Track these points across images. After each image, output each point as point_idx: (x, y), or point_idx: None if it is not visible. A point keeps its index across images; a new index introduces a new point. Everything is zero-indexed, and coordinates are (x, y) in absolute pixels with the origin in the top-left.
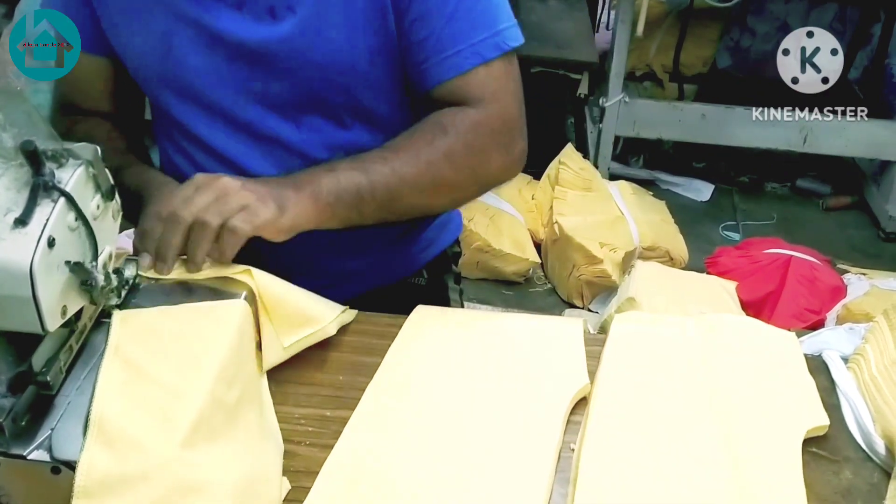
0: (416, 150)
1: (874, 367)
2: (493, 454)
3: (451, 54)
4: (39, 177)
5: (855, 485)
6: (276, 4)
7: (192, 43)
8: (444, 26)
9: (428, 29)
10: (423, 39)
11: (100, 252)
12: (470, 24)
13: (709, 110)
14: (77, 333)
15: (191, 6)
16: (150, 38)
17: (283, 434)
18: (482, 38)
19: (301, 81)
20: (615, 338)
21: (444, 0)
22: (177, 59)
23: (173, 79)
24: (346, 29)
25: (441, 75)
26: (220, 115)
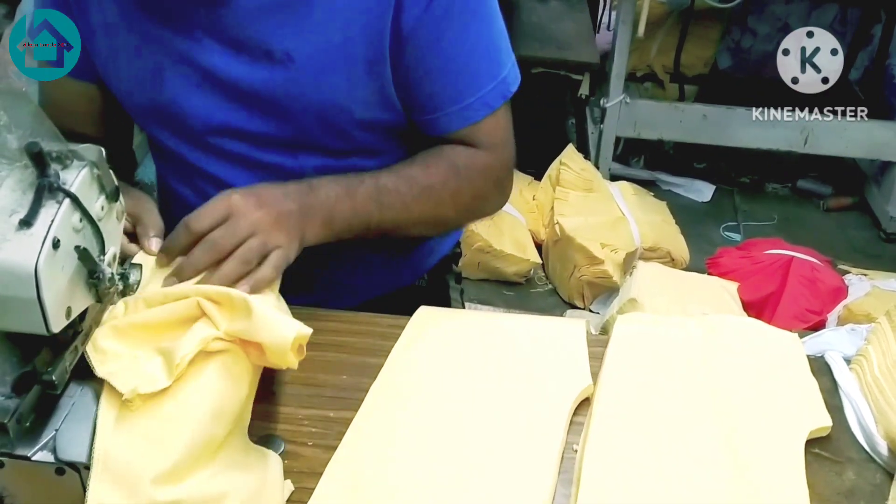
0: (429, 189)
1: (877, 368)
2: (496, 455)
3: (462, 107)
4: (44, 178)
5: (857, 486)
6: (273, 49)
7: (184, 80)
8: (455, 81)
9: (438, 84)
10: (432, 93)
11: (106, 251)
12: (479, 75)
13: (709, 111)
14: (82, 335)
15: (184, 43)
16: (140, 73)
17: (287, 435)
18: (489, 90)
19: (297, 123)
20: (618, 339)
21: (453, 55)
22: (168, 95)
23: (165, 114)
24: (345, 76)
25: (451, 126)
26: (213, 148)
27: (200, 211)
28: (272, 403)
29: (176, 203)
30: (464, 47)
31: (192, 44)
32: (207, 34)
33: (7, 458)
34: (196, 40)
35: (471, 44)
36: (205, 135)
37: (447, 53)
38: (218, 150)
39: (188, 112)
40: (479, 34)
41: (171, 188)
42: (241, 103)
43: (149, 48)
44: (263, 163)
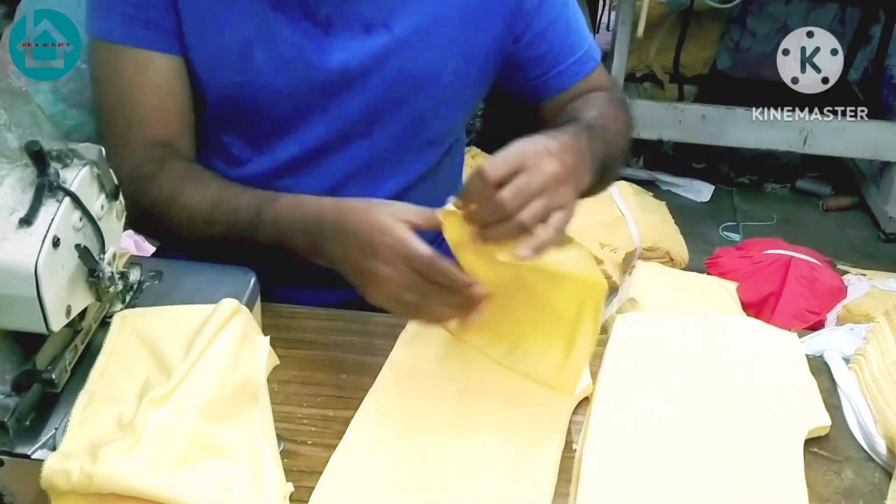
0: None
1: (875, 368)
2: (495, 454)
3: (573, 62)
4: (44, 177)
5: (856, 485)
6: (373, 21)
7: (270, 60)
8: (562, 41)
9: (546, 44)
10: (542, 54)
11: (105, 250)
12: (578, 35)
13: (709, 111)
14: (82, 334)
15: (274, 19)
16: (225, 50)
17: (286, 434)
18: (590, 45)
19: (380, 98)
20: (617, 338)
21: (555, 19)
22: (253, 75)
23: (247, 95)
24: (437, 49)
25: (566, 82)
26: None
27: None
28: (271, 402)
29: None
30: (565, 7)
31: (283, 17)
32: (301, 10)
33: (7, 456)
34: (287, 14)
35: (569, 4)
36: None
37: (554, 13)
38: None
39: (268, 91)
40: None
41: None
42: (326, 84)
43: (236, 21)
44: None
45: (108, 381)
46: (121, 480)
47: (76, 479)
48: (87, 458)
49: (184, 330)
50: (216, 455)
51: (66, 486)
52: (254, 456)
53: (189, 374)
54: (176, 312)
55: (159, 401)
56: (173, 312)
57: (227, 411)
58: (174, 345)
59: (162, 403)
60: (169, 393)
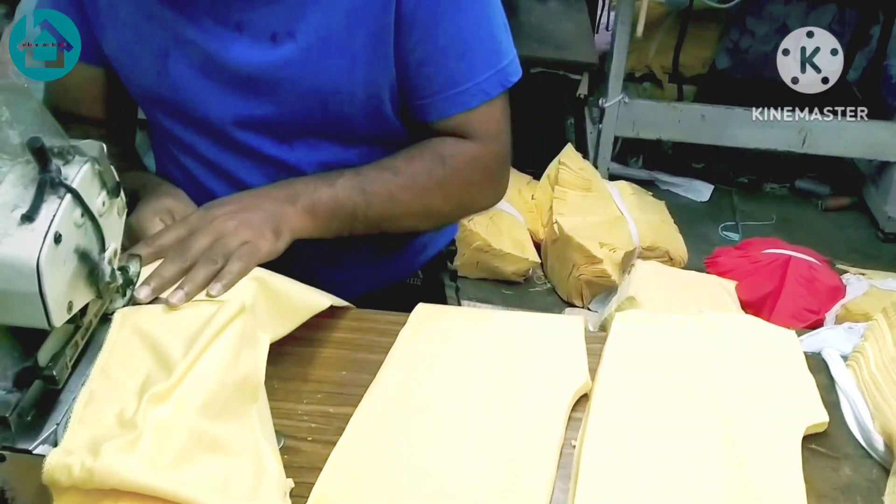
0: (413, 178)
1: (873, 365)
2: (495, 451)
3: (458, 92)
4: (46, 173)
5: (854, 481)
6: (278, 31)
7: (187, 64)
8: (453, 65)
9: (436, 66)
10: (430, 76)
11: (106, 247)
12: (478, 61)
13: (708, 111)
14: (83, 330)
15: (188, 27)
16: (145, 57)
17: (287, 431)
18: (487, 77)
19: (297, 107)
20: (616, 335)
21: (455, 39)
22: (171, 79)
23: (167, 98)
24: (346, 59)
25: (445, 111)
26: (214, 134)
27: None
28: (272, 399)
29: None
30: (462, 33)
31: (195, 27)
32: (211, 17)
33: (8, 451)
34: (199, 23)
35: (469, 30)
36: (205, 120)
37: (445, 37)
38: (217, 135)
39: (189, 96)
40: (479, 21)
41: (170, 174)
42: (241, 86)
43: (154, 32)
44: (262, 153)
45: (108, 377)
46: (122, 476)
47: (77, 474)
48: (88, 455)
49: (186, 327)
50: (216, 452)
51: (68, 481)
52: (254, 452)
53: (190, 371)
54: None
55: (160, 398)
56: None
57: (228, 408)
58: (175, 342)
59: (163, 400)
60: (170, 390)
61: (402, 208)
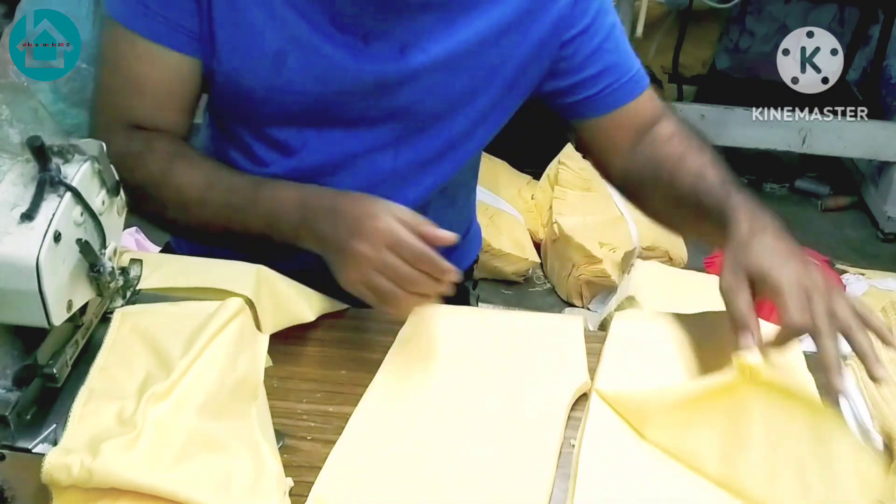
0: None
1: None
2: (494, 450)
3: (626, 81)
4: (46, 172)
5: None
6: (408, 42)
7: (304, 68)
8: (616, 56)
9: (602, 62)
10: (598, 73)
11: (106, 246)
12: (627, 54)
13: (708, 111)
14: (83, 329)
15: (310, 31)
16: (258, 57)
17: (286, 430)
18: (639, 66)
19: (412, 117)
20: (615, 334)
21: (607, 38)
22: (285, 82)
23: (278, 100)
24: (472, 73)
25: (618, 100)
26: (317, 137)
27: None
28: (271, 398)
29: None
30: (615, 26)
31: (316, 32)
32: (336, 25)
33: (8, 450)
34: (321, 29)
35: (617, 23)
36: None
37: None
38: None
39: (302, 100)
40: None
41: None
42: (359, 95)
43: (271, 32)
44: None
45: (108, 376)
46: (121, 475)
47: (77, 473)
48: (88, 454)
49: (185, 326)
50: (216, 451)
51: (67, 480)
52: (253, 451)
53: (189, 370)
54: (177, 309)
55: (159, 397)
56: (175, 309)
57: (227, 407)
58: (175, 341)
59: (162, 399)
60: (169, 389)
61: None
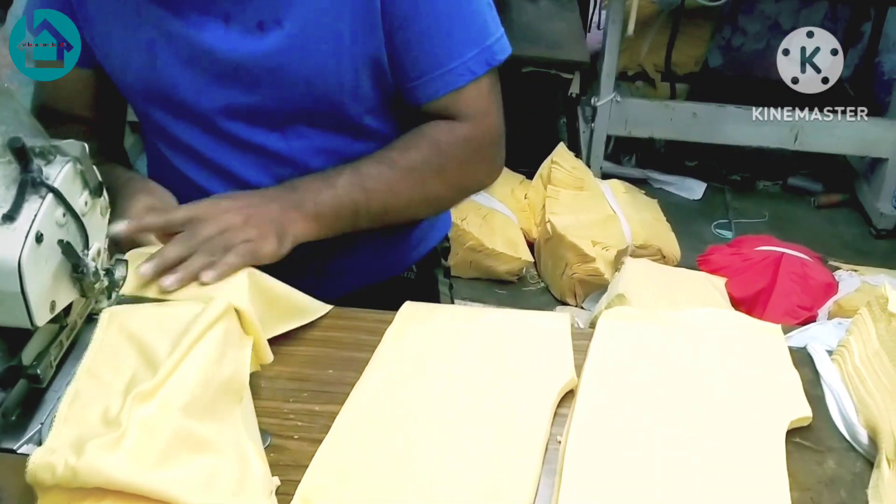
0: (410, 168)
1: (857, 359)
2: (481, 447)
3: (444, 72)
4: (27, 173)
5: (838, 474)
6: (265, 18)
7: (175, 57)
8: (438, 45)
9: (421, 47)
10: (416, 57)
11: (90, 246)
12: (462, 40)
13: (700, 109)
14: (67, 329)
15: (175, 20)
16: (133, 51)
17: (273, 429)
18: (473, 55)
19: (286, 95)
20: (602, 332)
21: (438, 19)
22: (160, 72)
23: (157, 92)
24: (333, 43)
25: (433, 92)
26: (205, 126)
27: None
28: (258, 398)
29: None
30: (445, 12)
31: (181, 20)
32: (197, 9)
33: None
34: (185, 15)
35: (453, 9)
36: (196, 112)
37: (429, 18)
38: (209, 127)
39: (179, 89)
40: (461, 1)
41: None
42: (230, 76)
43: (141, 26)
44: (255, 144)
45: (94, 376)
46: (105, 474)
47: (61, 473)
48: (72, 454)
49: (171, 327)
50: (201, 451)
51: (51, 480)
52: (238, 452)
53: (175, 370)
54: (164, 309)
55: (144, 396)
56: (162, 309)
57: (212, 407)
58: (162, 341)
59: (147, 399)
60: (154, 389)
61: (404, 200)
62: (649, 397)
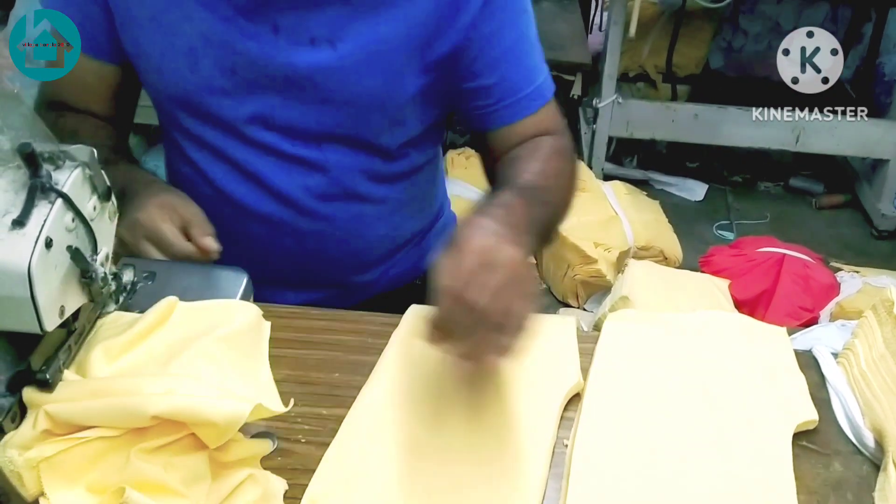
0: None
1: (863, 362)
2: (487, 450)
3: (521, 97)
4: (37, 178)
5: (845, 477)
6: (316, 36)
7: (218, 65)
8: (514, 71)
9: (498, 74)
10: (492, 84)
11: (98, 251)
12: (534, 66)
13: (702, 110)
14: (76, 334)
15: (222, 26)
16: (173, 55)
17: (280, 432)
18: (542, 81)
19: (328, 113)
20: (607, 335)
21: (513, 46)
22: (199, 78)
23: (193, 96)
24: (385, 71)
25: (512, 116)
26: (238, 133)
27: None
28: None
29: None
30: (520, 40)
31: (228, 26)
32: (245, 17)
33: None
34: (233, 22)
35: (525, 37)
36: (232, 122)
37: (507, 44)
38: (242, 136)
39: (217, 97)
40: (527, 32)
41: (181, 173)
42: (273, 88)
43: (184, 30)
44: (288, 153)
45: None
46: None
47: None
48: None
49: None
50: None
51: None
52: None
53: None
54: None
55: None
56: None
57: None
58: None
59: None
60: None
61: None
62: (655, 400)
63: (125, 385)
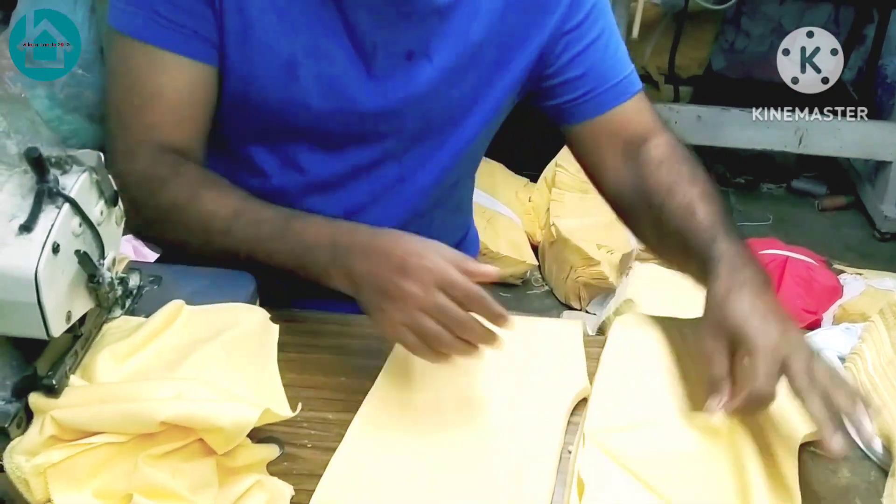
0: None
1: (871, 367)
2: (494, 456)
3: (609, 87)
4: (44, 183)
5: (853, 483)
6: (414, 49)
7: (315, 80)
8: (600, 64)
9: (584, 67)
10: (578, 77)
11: (105, 256)
12: (616, 60)
13: (704, 112)
14: (82, 340)
15: (324, 38)
16: (271, 68)
17: (286, 437)
18: (629, 72)
19: (419, 127)
20: (614, 339)
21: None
22: (295, 94)
23: (287, 113)
24: (477, 77)
25: (601, 107)
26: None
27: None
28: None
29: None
30: (611, 33)
31: (333, 43)
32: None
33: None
34: (339, 41)
35: (610, 29)
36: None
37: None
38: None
39: (312, 111)
40: (611, 23)
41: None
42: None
43: (283, 39)
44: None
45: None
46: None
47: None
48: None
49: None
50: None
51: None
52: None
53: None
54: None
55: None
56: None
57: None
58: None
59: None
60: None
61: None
62: (662, 404)
63: (132, 390)
